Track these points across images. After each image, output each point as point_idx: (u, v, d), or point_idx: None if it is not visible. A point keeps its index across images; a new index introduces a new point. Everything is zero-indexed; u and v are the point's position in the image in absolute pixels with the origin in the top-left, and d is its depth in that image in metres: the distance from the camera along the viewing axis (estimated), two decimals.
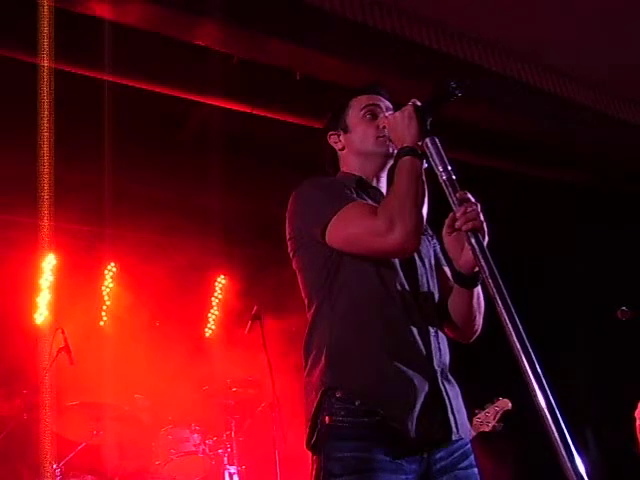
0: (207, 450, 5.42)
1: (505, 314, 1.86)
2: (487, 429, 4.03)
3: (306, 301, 2.45)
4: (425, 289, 2.39)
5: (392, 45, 5.59)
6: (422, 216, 2.25)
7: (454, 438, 2.23)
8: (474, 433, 4.22)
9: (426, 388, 2.21)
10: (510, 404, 3.12)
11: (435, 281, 2.48)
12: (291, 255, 2.50)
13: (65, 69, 4.81)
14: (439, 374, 2.28)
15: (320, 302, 2.36)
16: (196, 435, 5.43)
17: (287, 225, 2.50)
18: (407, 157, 2.27)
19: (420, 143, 2.26)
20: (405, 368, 2.21)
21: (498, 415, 3.49)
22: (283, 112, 5.96)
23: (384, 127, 2.45)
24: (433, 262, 2.52)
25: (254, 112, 5.82)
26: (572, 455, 1.67)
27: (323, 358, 2.27)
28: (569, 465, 1.66)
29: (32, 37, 4.11)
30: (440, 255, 2.57)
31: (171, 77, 5.39)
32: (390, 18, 5.60)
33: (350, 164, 2.60)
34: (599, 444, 6.94)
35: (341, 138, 2.61)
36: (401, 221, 2.18)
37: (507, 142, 6.65)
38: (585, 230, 7.14)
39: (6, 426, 4.87)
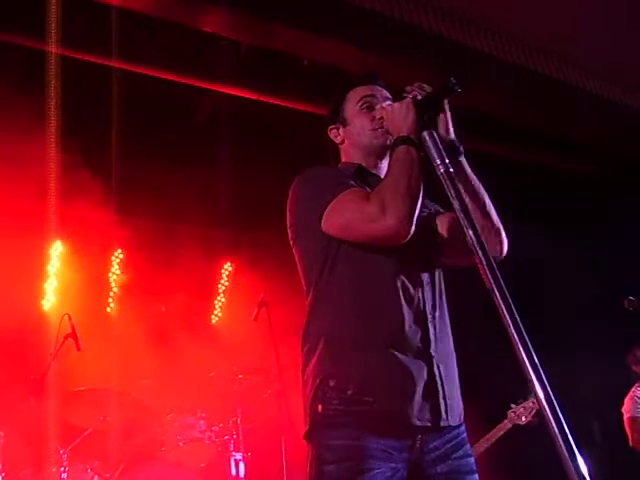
0: (213, 437, 5.42)
1: (503, 306, 1.82)
2: (521, 423, 4.07)
3: (305, 289, 2.45)
4: (424, 274, 2.38)
5: (402, 33, 5.56)
6: (416, 203, 2.22)
7: (442, 424, 2.24)
8: (509, 425, 4.25)
9: (422, 374, 2.23)
10: None
11: (436, 262, 2.46)
12: (291, 243, 2.52)
13: (73, 56, 4.81)
14: (435, 359, 2.28)
15: (317, 291, 2.37)
16: (202, 422, 5.43)
17: (288, 213, 2.51)
18: (402, 146, 2.26)
19: (417, 136, 2.24)
20: (399, 354, 2.22)
21: (533, 411, 3.50)
22: (290, 99, 5.95)
23: (380, 118, 2.45)
24: (436, 239, 2.50)
25: (261, 99, 5.81)
26: (574, 454, 1.62)
27: (319, 348, 2.28)
28: (571, 465, 1.61)
29: (40, 24, 4.10)
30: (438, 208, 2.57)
31: (178, 64, 5.39)
32: (399, 6, 5.57)
33: (350, 155, 2.61)
34: (605, 437, 6.94)
35: (340, 132, 2.62)
36: (393, 206, 2.17)
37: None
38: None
39: (13, 412, 4.89)
